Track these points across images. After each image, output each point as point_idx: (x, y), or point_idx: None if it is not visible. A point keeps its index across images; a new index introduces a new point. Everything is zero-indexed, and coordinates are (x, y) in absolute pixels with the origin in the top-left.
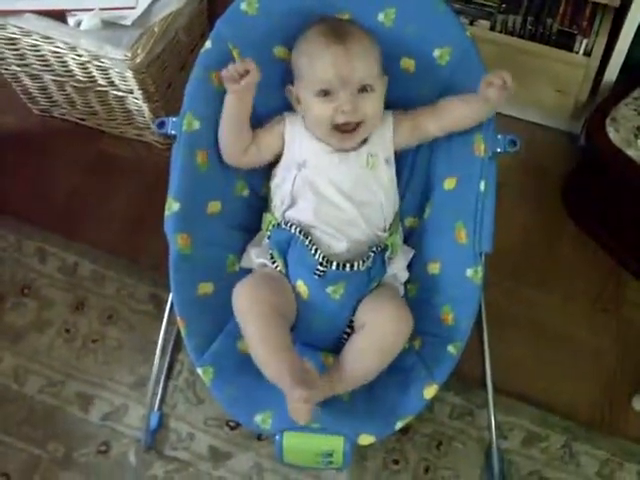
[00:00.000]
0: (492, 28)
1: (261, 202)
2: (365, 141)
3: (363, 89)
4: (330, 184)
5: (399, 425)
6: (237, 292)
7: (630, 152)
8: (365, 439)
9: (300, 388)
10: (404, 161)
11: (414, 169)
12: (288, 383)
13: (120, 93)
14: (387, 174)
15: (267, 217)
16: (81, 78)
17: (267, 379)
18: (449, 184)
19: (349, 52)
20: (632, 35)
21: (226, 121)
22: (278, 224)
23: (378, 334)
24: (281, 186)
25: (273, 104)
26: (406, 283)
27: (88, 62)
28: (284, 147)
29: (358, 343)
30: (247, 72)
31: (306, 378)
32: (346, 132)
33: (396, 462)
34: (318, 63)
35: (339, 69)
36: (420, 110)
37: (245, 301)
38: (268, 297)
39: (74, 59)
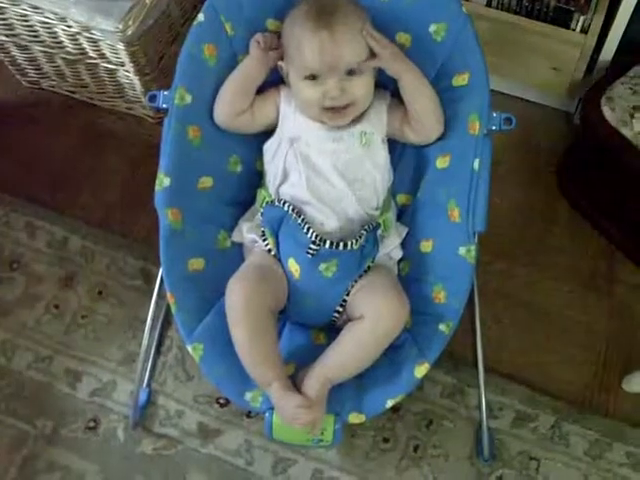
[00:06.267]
0: (488, 4)
1: (255, 177)
2: (359, 119)
3: (351, 72)
4: (323, 159)
5: (390, 404)
6: (229, 292)
7: (625, 131)
8: (355, 417)
9: (296, 394)
10: None
11: (406, 146)
12: (279, 389)
13: (111, 66)
14: (382, 153)
15: (261, 193)
16: (71, 50)
17: None
18: (442, 162)
19: (335, 37)
20: (630, 13)
21: (235, 80)
22: (271, 201)
23: (379, 330)
24: (273, 161)
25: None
26: (399, 261)
27: (78, 34)
28: (278, 119)
29: (357, 337)
30: (277, 48)
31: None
32: (336, 112)
33: (386, 440)
34: (304, 49)
35: (325, 55)
36: (406, 115)
37: (237, 303)
38: (260, 298)
39: (64, 30)
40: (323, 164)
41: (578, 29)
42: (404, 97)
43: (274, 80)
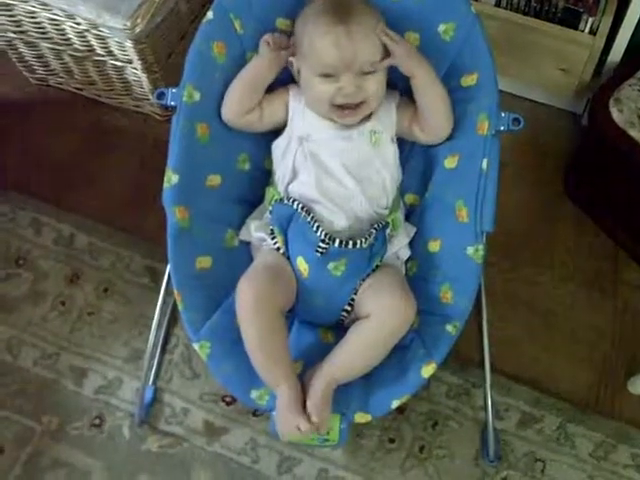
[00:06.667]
0: (497, 4)
1: (263, 175)
2: (369, 118)
3: (366, 72)
4: (333, 157)
5: (396, 404)
6: (240, 292)
7: (633, 133)
8: (361, 417)
9: (301, 416)
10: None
11: (414, 146)
12: (286, 398)
13: (119, 63)
14: (392, 152)
15: (270, 191)
16: (79, 47)
17: None
18: (450, 162)
19: (351, 34)
20: (638, 15)
21: (244, 79)
22: (280, 199)
23: (385, 329)
24: (282, 160)
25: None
26: (407, 261)
27: (86, 31)
28: (287, 118)
29: (363, 336)
30: (287, 48)
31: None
32: (347, 109)
33: (392, 440)
34: (320, 45)
35: (341, 52)
36: (415, 115)
37: (248, 304)
38: (271, 298)
39: (72, 27)
40: (332, 163)
41: (587, 30)
42: (415, 95)
43: (283, 79)
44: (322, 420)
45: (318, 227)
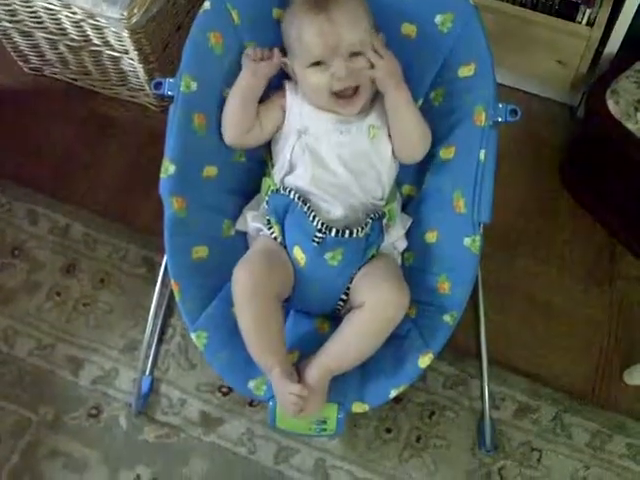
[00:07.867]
0: None
1: (260, 166)
2: (368, 112)
3: (355, 54)
4: (330, 151)
5: (393, 394)
6: (237, 276)
7: (629, 125)
8: (359, 407)
9: (292, 382)
10: None
11: None
12: (279, 375)
13: (115, 53)
14: (389, 147)
15: (266, 182)
16: (75, 37)
17: None
18: (446, 153)
19: (333, 20)
20: (636, 6)
21: (235, 96)
22: (277, 189)
23: (379, 319)
24: (280, 153)
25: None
26: (403, 252)
27: (82, 20)
28: (284, 117)
29: (357, 326)
30: (269, 59)
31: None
32: (346, 98)
33: (388, 430)
34: (305, 36)
35: (326, 39)
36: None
37: (244, 288)
38: (267, 283)
39: (68, 17)
40: (329, 156)
41: (584, 22)
42: (387, 115)
43: (277, 73)
44: (313, 409)
45: (314, 217)
